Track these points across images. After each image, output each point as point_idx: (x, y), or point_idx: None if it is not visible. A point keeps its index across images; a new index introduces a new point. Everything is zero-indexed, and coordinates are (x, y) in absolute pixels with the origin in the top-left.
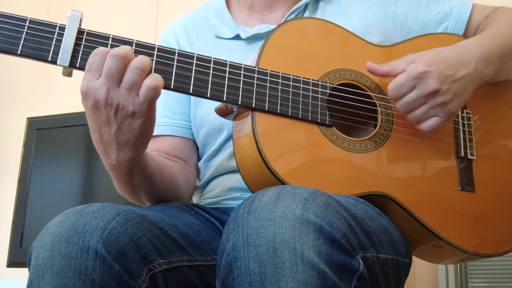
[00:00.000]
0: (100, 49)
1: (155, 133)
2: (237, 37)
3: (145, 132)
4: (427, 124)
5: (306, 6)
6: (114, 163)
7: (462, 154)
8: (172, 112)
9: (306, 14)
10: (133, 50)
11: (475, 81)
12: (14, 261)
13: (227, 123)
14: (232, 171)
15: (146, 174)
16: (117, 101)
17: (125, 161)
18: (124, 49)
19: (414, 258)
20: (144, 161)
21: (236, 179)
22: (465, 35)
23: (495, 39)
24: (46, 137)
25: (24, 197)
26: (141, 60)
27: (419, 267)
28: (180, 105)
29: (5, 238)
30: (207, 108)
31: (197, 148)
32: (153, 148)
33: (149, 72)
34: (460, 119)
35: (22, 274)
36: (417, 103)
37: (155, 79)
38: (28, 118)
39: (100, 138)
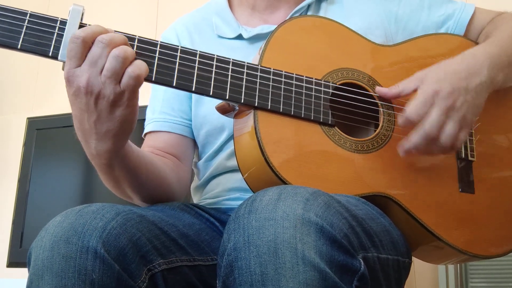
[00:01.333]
0: (76, 35)
1: (152, 128)
2: (239, 37)
3: (126, 122)
4: (460, 140)
5: (308, 6)
6: (94, 153)
7: (463, 156)
8: (171, 109)
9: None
10: (135, 46)
11: (489, 88)
12: (14, 261)
13: (229, 123)
14: (232, 171)
15: (128, 168)
16: (98, 89)
17: (104, 152)
18: (110, 35)
19: (414, 258)
20: (125, 154)
21: (235, 179)
22: (465, 37)
23: (503, 46)
24: (46, 137)
25: (24, 197)
26: (123, 48)
27: (419, 267)
28: (179, 102)
29: (5, 238)
30: (208, 107)
31: (195, 147)
32: (148, 144)
33: (133, 60)
34: None
35: (22, 274)
36: (442, 120)
37: (138, 67)
38: (28, 118)
39: (80, 126)
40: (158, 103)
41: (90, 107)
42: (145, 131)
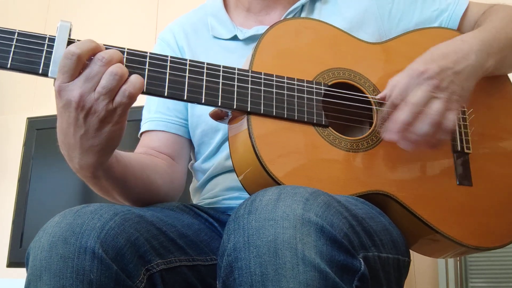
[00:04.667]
0: (71, 51)
1: (147, 128)
2: (235, 38)
3: (112, 139)
4: (448, 120)
5: (302, 7)
6: (77, 167)
7: (459, 148)
8: (166, 108)
9: (303, 15)
10: (124, 59)
11: (478, 73)
12: (14, 261)
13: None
14: (231, 171)
15: (114, 178)
16: (90, 105)
17: (87, 166)
18: (110, 54)
19: (414, 258)
20: (109, 165)
21: (234, 178)
22: (459, 30)
23: (494, 32)
24: (46, 137)
25: (24, 197)
26: (121, 68)
27: (419, 266)
28: (174, 102)
29: (5, 238)
30: (203, 107)
31: (190, 147)
32: (143, 143)
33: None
34: None
35: (22, 274)
36: (427, 96)
37: (133, 86)
38: (28, 118)
39: (64, 139)
40: (154, 103)
41: (78, 121)
42: (141, 130)
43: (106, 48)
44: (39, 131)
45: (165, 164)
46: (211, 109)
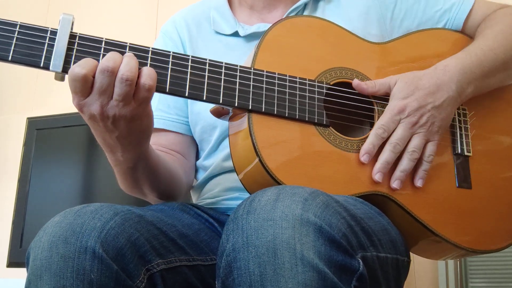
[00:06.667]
0: (76, 73)
1: None
2: (236, 34)
3: (146, 129)
4: (429, 151)
5: (305, 5)
6: (121, 159)
7: (459, 151)
8: (167, 106)
9: (305, 14)
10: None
11: (456, 102)
12: (14, 261)
13: (221, 120)
14: (230, 171)
15: (149, 168)
16: (113, 112)
17: (131, 158)
18: (112, 62)
19: (414, 258)
20: (148, 155)
21: (234, 179)
22: (464, 31)
23: (480, 56)
24: (46, 137)
25: (24, 197)
26: (129, 69)
27: (419, 266)
28: (175, 99)
29: (5, 238)
30: (202, 104)
31: (196, 144)
32: (151, 142)
33: (140, 69)
34: (456, 116)
35: (22, 274)
36: (407, 135)
37: (149, 77)
38: (28, 118)
39: (103, 141)
40: (155, 100)
41: (108, 128)
42: None
43: (107, 42)
44: (39, 131)
45: (178, 160)
46: (209, 106)
